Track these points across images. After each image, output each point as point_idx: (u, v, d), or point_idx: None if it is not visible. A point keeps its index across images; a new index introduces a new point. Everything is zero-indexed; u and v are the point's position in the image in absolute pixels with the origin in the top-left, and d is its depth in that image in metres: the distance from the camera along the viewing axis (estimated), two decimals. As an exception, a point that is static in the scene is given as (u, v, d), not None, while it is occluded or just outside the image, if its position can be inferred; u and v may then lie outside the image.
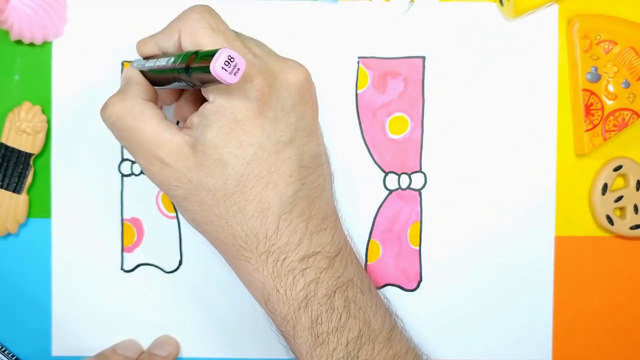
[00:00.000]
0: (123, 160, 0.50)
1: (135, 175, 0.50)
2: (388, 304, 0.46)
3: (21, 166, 0.49)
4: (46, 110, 0.50)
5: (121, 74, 0.44)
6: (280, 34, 0.50)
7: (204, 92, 0.41)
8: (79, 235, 0.50)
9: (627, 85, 0.49)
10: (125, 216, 0.50)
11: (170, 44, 0.43)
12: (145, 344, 0.50)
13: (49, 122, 0.49)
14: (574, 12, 0.49)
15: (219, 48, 0.37)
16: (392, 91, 0.50)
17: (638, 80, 0.49)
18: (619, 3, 0.50)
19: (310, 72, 0.44)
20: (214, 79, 0.37)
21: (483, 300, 0.50)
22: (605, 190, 0.50)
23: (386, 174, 0.50)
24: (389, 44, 0.50)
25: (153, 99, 0.44)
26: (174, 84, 0.42)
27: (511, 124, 0.50)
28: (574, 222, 0.50)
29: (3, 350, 0.50)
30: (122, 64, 0.50)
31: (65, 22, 0.50)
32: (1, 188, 0.49)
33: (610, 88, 0.49)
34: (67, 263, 0.50)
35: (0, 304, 0.50)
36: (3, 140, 0.49)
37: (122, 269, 0.50)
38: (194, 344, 0.51)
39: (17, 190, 0.49)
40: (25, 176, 0.49)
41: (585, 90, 0.49)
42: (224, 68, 0.37)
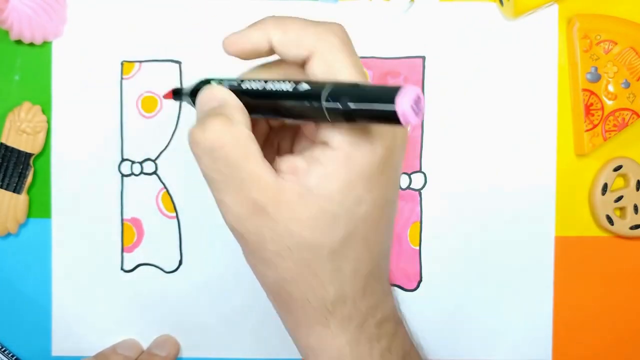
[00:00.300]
0: (123, 160, 0.50)
1: (135, 175, 0.50)
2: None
3: (21, 166, 0.49)
4: (46, 110, 0.50)
5: (199, 94, 0.37)
6: (280, 34, 0.50)
7: (324, 135, 0.35)
8: (79, 235, 0.50)
9: (627, 85, 0.49)
10: (125, 216, 0.50)
11: (293, 54, 0.36)
12: (145, 344, 0.50)
13: (49, 122, 0.49)
14: (574, 12, 0.49)
15: (399, 85, 0.32)
16: (392, 91, 0.50)
17: (638, 80, 0.49)
18: (619, 3, 0.50)
19: None
20: (384, 118, 0.32)
21: (483, 300, 0.50)
22: (605, 190, 0.50)
23: (386, 174, 0.50)
24: (389, 44, 0.50)
25: (252, 131, 0.36)
26: (276, 114, 0.36)
27: (511, 124, 0.50)
28: (574, 222, 0.50)
29: (3, 350, 0.50)
30: (122, 64, 0.50)
31: (65, 22, 0.50)
32: (1, 188, 0.49)
33: (610, 88, 0.49)
34: (67, 263, 0.50)
35: (0, 304, 0.50)
36: (3, 140, 0.49)
37: (122, 269, 0.50)
38: (194, 344, 0.51)
39: (17, 190, 0.49)
40: (25, 176, 0.49)
41: (585, 90, 0.49)
42: (413, 109, 0.31)
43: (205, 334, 0.51)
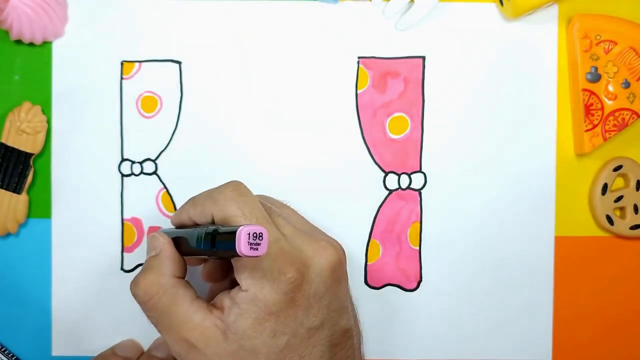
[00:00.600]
0: (123, 160, 0.50)
1: (135, 175, 0.50)
2: None
3: (21, 166, 0.49)
4: (46, 110, 0.50)
5: (148, 240, 0.44)
6: (281, 34, 0.50)
7: (236, 275, 0.41)
8: (79, 235, 0.50)
9: (627, 85, 0.49)
10: (125, 216, 0.50)
11: (204, 220, 0.42)
12: (145, 345, 0.50)
13: (49, 122, 0.49)
14: (574, 12, 0.49)
15: (240, 225, 0.37)
16: (392, 91, 0.50)
17: (638, 80, 0.49)
18: (619, 3, 0.50)
19: (343, 249, 0.44)
20: (239, 255, 0.37)
21: (483, 300, 0.50)
22: (605, 190, 0.50)
23: (386, 174, 0.50)
24: (389, 44, 0.50)
25: (184, 272, 0.43)
26: (202, 255, 0.41)
27: (511, 124, 0.50)
28: (574, 222, 0.50)
29: (3, 350, 0.50)
30: (122, 63, 0.50)
31: (65, 22, 0.50)
32: (1, 188, 0.49)
33: (610, 88, 0.49)
34: (67, 263, 0.50)
35: (0, 304, 0.50)
36: (3, 140, 0.49)
37: (122, 269, 0.50)
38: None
39: (17, 190, 0.49)
40: (25, 176, 0.49)
41: (585, 90, 0.49)
42: (249, 243, 0.37)
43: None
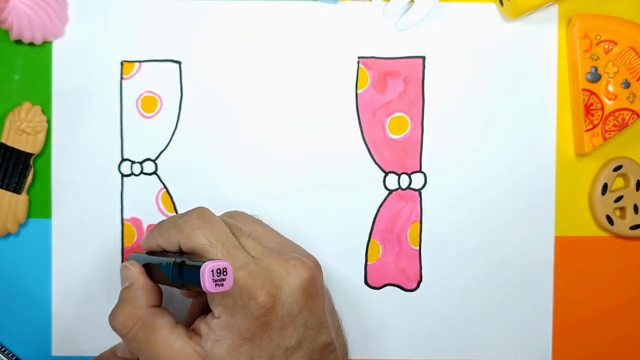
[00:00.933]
0: (123, 160, 0.50)
1: (135, 175, 0.50)
2: None
3: (21, 166, 0.49)
4: (46, 110, 0.50)
5: (120, 269, 0.44)
6: (281, 34, 0.50)
7: (209, 302, 0.41)
8: (79, 235, 0.50)
9: (627, 85, 0.49)
10: (125, 216, 0.50)
11: (171, 247, 0.43)
12: (145, 344, 0.50)
13: (49, 122, 0.49)
14: (574, 12, 0.49)
15: (204, 261, 0.37)
16: (392, 91, 0.50)
17: (638, 80, 0.49)
18: (619, 3, 0.50)
19: (317, 262, 0.44)
20: (203, 290, 0.37)
21: (483, 301, 0.50)
22: (605, 190, 0.50)
23: (386, 174, 0.50)
24: (389, 44, 0.50)
25: (160, 300, 0.44)
26: (172, 285, 0.41)
27: (511, 123, 0.50)
28: (574, 222, 0.50)
29: (3, 350, 0.50)
30: (122, 63, 0.50)
31: (65, 22, 0.50)
32: (1, 188, 0.49)
33: (610, 88, 0.49)
34: (67, 263, 0.50)
35: (0, 304, 0.50)
36: (3, 140, 0.49)
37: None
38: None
39: (17, 190, 0.49)
40: (25, 176, 0.49)
41: (585, 90, 0.49)
42: (214, 280, 0.37)
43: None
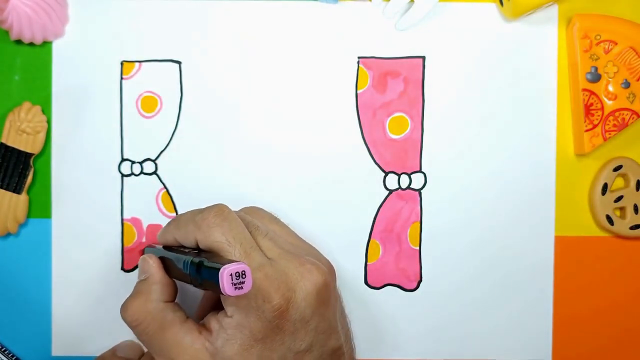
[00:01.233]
0: (123, 160, 0.50)
1: (135, 175, 0.50)
2: None
3: (21, 166, 0.49)
4: (46, 110, 0.50)
5: (139, 262, 0.45)
6: (281, 34, 0.50)
7: (222, 300, 0.41)
8: (79, 235, 0.50)
9: (627, 85, 0.49)
10: (125, 216, 0.50)
11: (188, 243, 0.43)
12: (145, 344, 0.50)
13: (49, 122, 0.49)
14: (574, 12, 0.49)
15: (223, 264, 0.37)
16: (392, 91, 0.50)
17: (638, 80, 0.49)
18: (619, 3, 0.50)
19: (331, 267, 0.44)
20: (224, 294, 0.37)
21: (483, 300, 0.50)
22: (605, 190, 0.50)
23: (386, 174, 0.50)
24: (389, 44, 0.50)
25: (174, 296, 0.44)
26: (189, 283, 0.41)
27: (511, 123, 0.50)
28: (574, 222, 0.50)
29: (3, 350, 0.50)
30: (122, 63, 0.50)
31: (65, 22, 0.50)
32: (1, 188, 0.49)
33: (610, 88, 0.49)
34: (67, 263, 0.50)
35: (0, 304, 0.50)
36: (3, 140, 0.49)
37: (122, 269, 0.50)
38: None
39: (17, 190, 0.49)
40: (25, 176, 0.49)
41: (585, 90, 0.49)
42: (233, 283, 0.37)
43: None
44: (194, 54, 0.50)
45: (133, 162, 0.50)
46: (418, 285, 0.50)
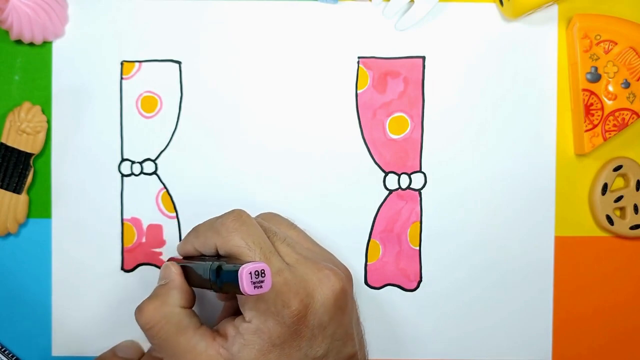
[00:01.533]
0: (123, 160, 0.50)
1: (135, 175, 0.50)
2: None
3: (21, 166, 0.49)
4: (46, 110, 0.50)
5: (161, 269, 0.45)
6: (281, 34, 0.50)
7: (240, 305, 0.41)
8: (79, 235, 0.50)
9: (627, 85, 0.49)
10: (125, 216, 0.50)
11: (208, 251, 0.43)
12: (146, 346, 0.50)
13: (49, 122, 0.49)
14: (574, 12, 0.49)
15: (242, 264, 0.37)
16: (392, 91, 0.50)
17: (638, 80, 0.49)
18: (619, 3, 0.50)
19: (349, 273, 0.45)
20: (244, 294, 0.37)
21: (483, 300, 0.50)
22: (605, 190, 0.50)
23: (386, 174, 0.50)
24: (389, 44, 0.50)
25: (191, 303, 0.44)
26: (209, 289, 0.42)
27: (511, 123, 0.50)
28: (574, 222, 0.50)
29: (3, 350, 0.50)
30: (122, 63, 0.50)
31: (65, 22, 0.50)
32: (1, 188, 0.49)
33: (610, 88, 0.49)
34: (67, 263, 0.50)
35: (0, 304, 0.50)
36: (3, 140, 0.49)
37: (122, 269, 0.50)
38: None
39: (17, 190, 0.49)
40: (25, 176, 0.49)
41: (585, 90, 0.49)
42: (252, 282, 0.37)
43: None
44: (194, 54, 0.50)
45: (133, 162, 0.50)
46: (418, 285, 0.50)
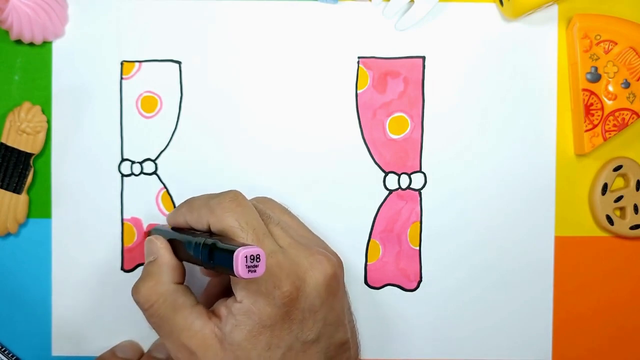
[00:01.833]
0: (123, 160, 0.50)
1: (135, 175, 0.50)
2: None
3: (21, 166, 0.49)
4: (46, 110, 0.50)
5: (145, 243, 0.45)
6: (281, 34, 0.50)
7: (232, 285, 0.41)
8: (79, 235, 0.50)
9: (627, 85, 0.49)
10: (125, 216, 0.50)
11: (200, 227, 0.43)
12: (145, 346, 0.50)
13: (49, 122, 0.49)
14: (574, 12, 0.49)
15: (238, 246, 0.37)
16: (392, 91, 0.50)
17: (638, 80, 0.49)
18: (619, 3, 0.50)
19: (340, 260, 0.44)
20: (237, 276, 0.37)
21: (483, 300, 0.50)
22: (605, 190, 0.50)
23: (386, 174, 0.50)
24: (389, 44, 0.50)
25: (183, 278, 0.44)
26: (198, 264, 0.42)
27: (511, 124, 0.50)
28: (574, 222, 0.50)
29: (3, 350, 0.50)
30: (122, 63, 0.50)
31: (65, 22, 0.50)
32: (1, 188, 0.49)
33: (610, 88, 0.49)
34: (67, 263, 0.50)
35: (0, 304, 0.50)
36: (3, 140, 0.49)
37: (122, 269, 0.50)
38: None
39: (17, 190, 0.49)
40: (25, 176, 0.49)
41: (585, 90, 0.49)
42: (247, 266, 0.37)
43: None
44: (194, 54, 0.50)
45: (133, 162, 0.50)
46: (418, 285, 0.50)
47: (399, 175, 0.50)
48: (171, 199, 0.50)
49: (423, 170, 0.50)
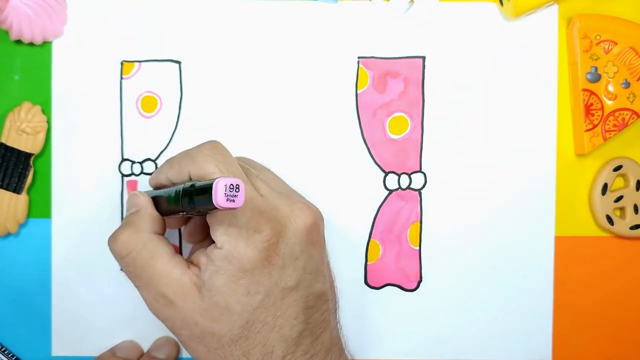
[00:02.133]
0: (123, 160, 0.50)
1: (136, 175, 0.50)
2: None
3: (21, 166, 0.49)
4: (46, 110, 0.50)
5: (128, 198, 0.45)
6: (281, 34, 0.50)
7: (212, 232, 0.41)
8: (79, 235, 0.50)
9: (627, 85, 0.49)
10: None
11: (180, 180, 0.43)
12: (145, 345, 0.50)
13: (49, 122, 0.49)
14: (574, 12, 0.49)
15: (215, 179, 0.37)
16: (392, 91, 0.50)
17: (638, 80, 0.49)
18: (619, 3, 0.50)
19: (320, 212, 0.44)
20: (216, 208, 0.37)
21: (483, 300, 0.50)
22: (605, 190, 0.50)
23: (386, 174, 0.50)
24: (389, 44, 0.50)
25: (163, 230, 0.44)
26: (181, 213, 0.42)
27: (511, 124, 0.50)
28: (574, 222, 0.50)
29: (3, 350, 0.50)
30: (122, 63, 0.50)
31: (65, 22, 0.50)
32: (1, 188, 0.49)
33: (610, 88, 0.49)
34: (67, 263, 0.50)
35: (0, 304, 0.50)
36: (3, 140, 0.49)
37: (122, 269, 0.50)
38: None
39: (17, 190, 0.49)
40: (25, 176, 0.49)
41: (585, 90, 0.49)
42: (225, 195, 0.36)
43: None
44: (194, 54, 0.50)
45: (133, 162, 0.50)
46: (418, 285, 0.50)
47: (399, 175, 0.50)
48: (171, 199, 0.50)
49: (423, 170, 0.50)
